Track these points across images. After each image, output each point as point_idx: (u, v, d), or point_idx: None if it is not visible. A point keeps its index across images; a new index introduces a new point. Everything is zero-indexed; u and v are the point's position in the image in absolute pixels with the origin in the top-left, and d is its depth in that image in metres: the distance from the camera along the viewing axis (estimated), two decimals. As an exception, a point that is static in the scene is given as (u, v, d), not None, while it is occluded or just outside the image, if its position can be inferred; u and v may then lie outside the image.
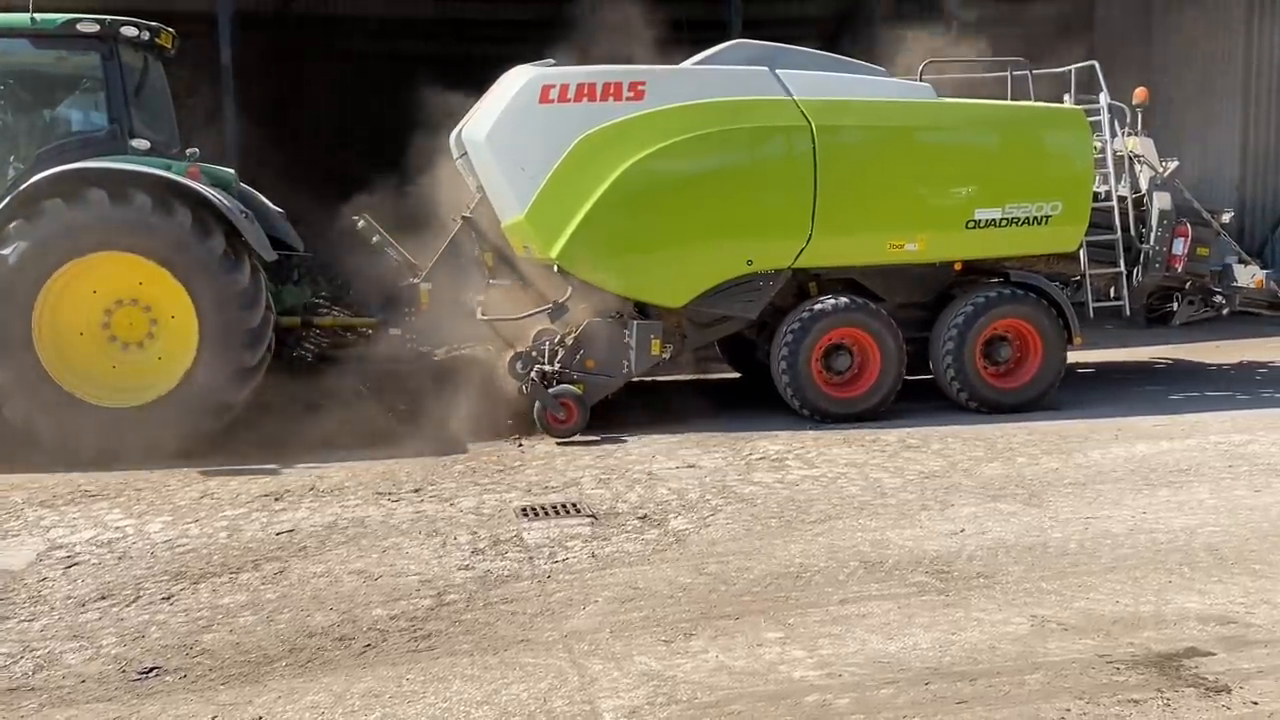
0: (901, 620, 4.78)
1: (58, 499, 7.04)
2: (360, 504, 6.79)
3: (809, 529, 6.09)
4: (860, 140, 8.83)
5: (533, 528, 6.23)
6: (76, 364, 7.97)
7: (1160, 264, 9.87)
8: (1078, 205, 9.16)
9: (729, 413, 9.23)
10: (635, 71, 8.56)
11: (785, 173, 8.67)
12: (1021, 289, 9.21)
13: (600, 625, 4.80)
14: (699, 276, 8.70)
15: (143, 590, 5.35)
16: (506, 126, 8.42)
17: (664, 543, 5.92)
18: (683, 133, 8.45)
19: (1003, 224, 8.98)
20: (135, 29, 8.34)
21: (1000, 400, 9.05)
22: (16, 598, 5.30)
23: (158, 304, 8.03)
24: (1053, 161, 9.22)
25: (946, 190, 8.95)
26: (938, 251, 9.07)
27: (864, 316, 8.84)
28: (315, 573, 5.55)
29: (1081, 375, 11.37)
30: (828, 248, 8.80)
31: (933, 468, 7.38)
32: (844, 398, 8.87)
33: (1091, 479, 7.04)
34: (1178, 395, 9.96)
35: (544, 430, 8.37)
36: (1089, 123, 9.42)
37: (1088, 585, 5.14)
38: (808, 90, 8.73)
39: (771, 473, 7.35)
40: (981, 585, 5.18)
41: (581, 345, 8.57)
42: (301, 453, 7.83)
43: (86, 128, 8.39)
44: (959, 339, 8.93)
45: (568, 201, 8.36)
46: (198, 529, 6.33)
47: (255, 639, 4.75)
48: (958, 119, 9.10)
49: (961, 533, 5.96)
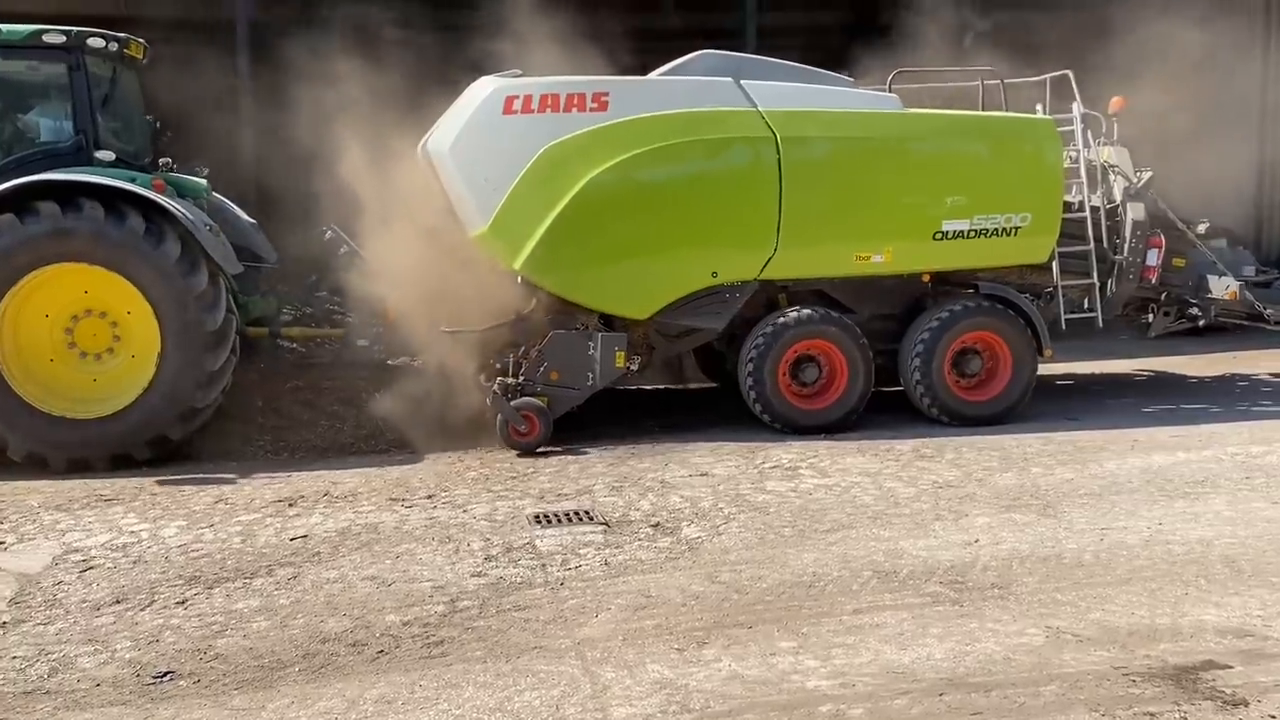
0: (915, 630, 4.75)
1: (74, 503, 7.09)
2: (374, 510, 6.80)
3: (822, 538, 6.08)
4: (825, 151, 8.78)
5: (545, 535, 6.23)
6: (39, 376, 7.99)
7: (1134, 275, 9.75)
8: (1047, 216, 9.06)
9: (741, 421, 9.21)
10: (598, 82, 8.52)
11: (750, 184, 8.62)
12: (991, 301, 9.13)
13: (613, 633, 4.80)
14: (664, 288, 8.65)
15: (157, 594, 5.37)
16: (470, 138, 8.38)
17: (677, 551, 5.91)
18: (646, 144, 8.41)
19: (971, 235, 8.89)
20: (103, 40, 8.32)
21: (969, 413, 8.94)
22: (32, 601, 5.33)
23: (118, 314, 8.04)
24: (1022, 172, 9.09)
25: (913, 201, 8.86)
26: (905, 263, 8.98)
27: (831, 328, 8.78)
28: (329, 578, 5.56)
29: (1097, 386, 11.32)
30: (794, 260, 8.75)
31: (947, 477, 7.35)
32: (812, 409, 8.82)
33: (1107, 490, 6.99)
34: (1194, 406, 9.88)
35: (505, 443, 8.27)
36: (1059, 133, 9.33)
37: (1103, 597, 5.11)
38: (773, 101, 8.68)
39: (785, 481, 7.33)
40: (996, 596, 5.15)
41: (545, 357, 8.49)
42: (314, 459, 7.86)
43: (52, 138, 8.39)
44: (927, 351, 8.86)
45: (531, 213, 8.32)
46: (212, 534, 6.36)
47: (269, 644, 4.76)
48: (924, 129, 9.00)
49: (976, 543, 5.93)
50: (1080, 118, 9.75)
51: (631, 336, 8.77)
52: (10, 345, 7.91)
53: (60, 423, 7.87)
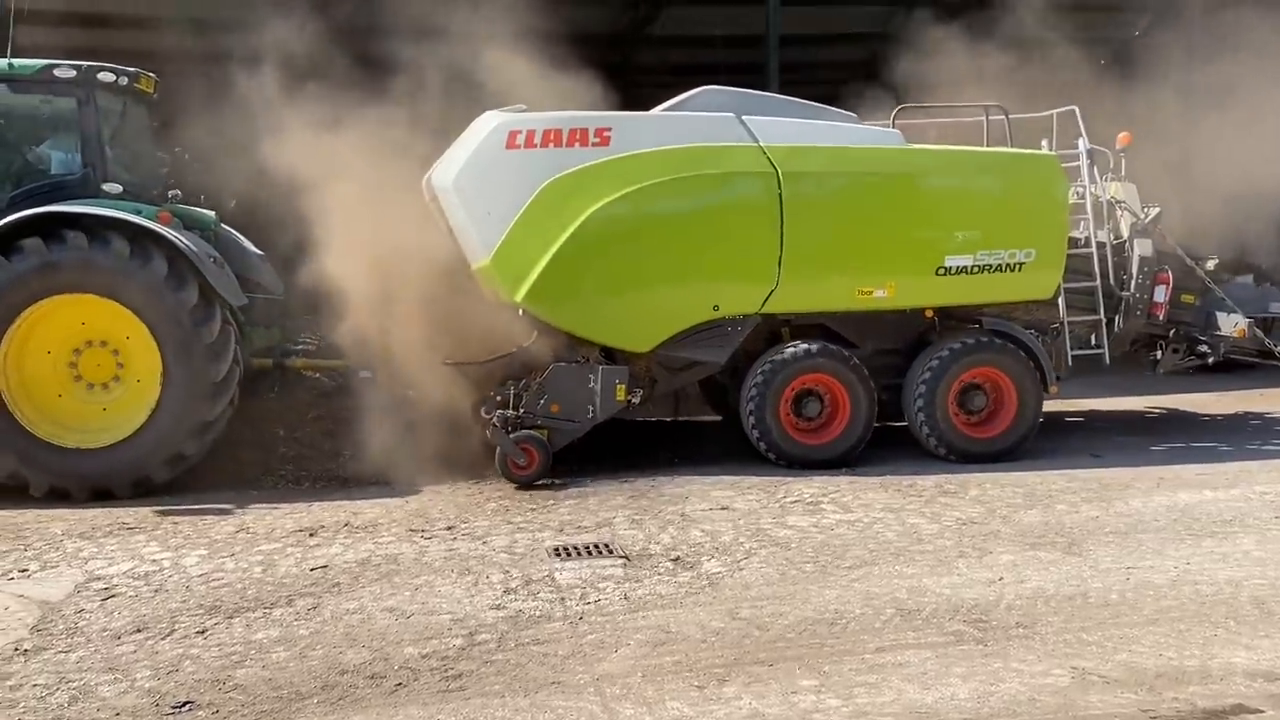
0: (939, 670, 4.70)
1: (96, 530, 7.13)
2: (393, 541, 6.80)
3: (844, 575, 6.03)
4: (827, 186, 8.78)
5: (565, 568, 6.20)
6: (50, 412, 8.06)
7: (1141, 311, 9.70)
8: (1052, 252, 9.02)
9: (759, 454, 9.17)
10: (601, 118, 8.57)
11: (751, 219, 8.62)
12: (996, 337, 9.08)
13: (632, 669, 4.76)
14: (664, 322, 8.65)
15: (178, 624, 5.38)
16: (473, 172, 8.44)
17: (697, 586, 5.87)
18: (647, 178, 8.43)
19: (975, 271, 8.85)
20: (113, 74, 8.44)
21: (973, 450, 8.87)
22: (54, 629, 5.35)
23: (118, 340, 8.10)
24: (1026, 208, 9.05)
25: (915, 237, 8.83)
26: (908, 299, 8.95)
27: (832, 363, 8.75)
28: (348, 609, 5.56)
29: (1122, 422, 11.23)
30: (795, 294, 8.74)
31: (970, 514, 7.29)
32: (814, 444, 8.77)
33: (1133, 528, 6.91)
34: (1221, 444, 9.78)
35: (504, 477, 8.25)
36: (1064, 169, 9.31)
37: (1130, 637, 5.04)
38: (774, 137, 8.70)
39: (806, 516, 7.28)
40: (1021, 635, 5.09)
41: (546, 390, 8.48)
42: (335, 488, 7.87)
43: (62, 171, 8.49)
44: (930, 387, 8.81)
45: (533, 246, 8.35)
46: (233, 563, 6.37)
47: (288, 675, 4.75)
48: (926, 165, 8.98)
49: (1000, 581, 5.87)
50: (1087, 153, 9.73)
51: (633, 369, 8.75)
52: (18, 385, 7.99)
53: (77, 454, 7.93)
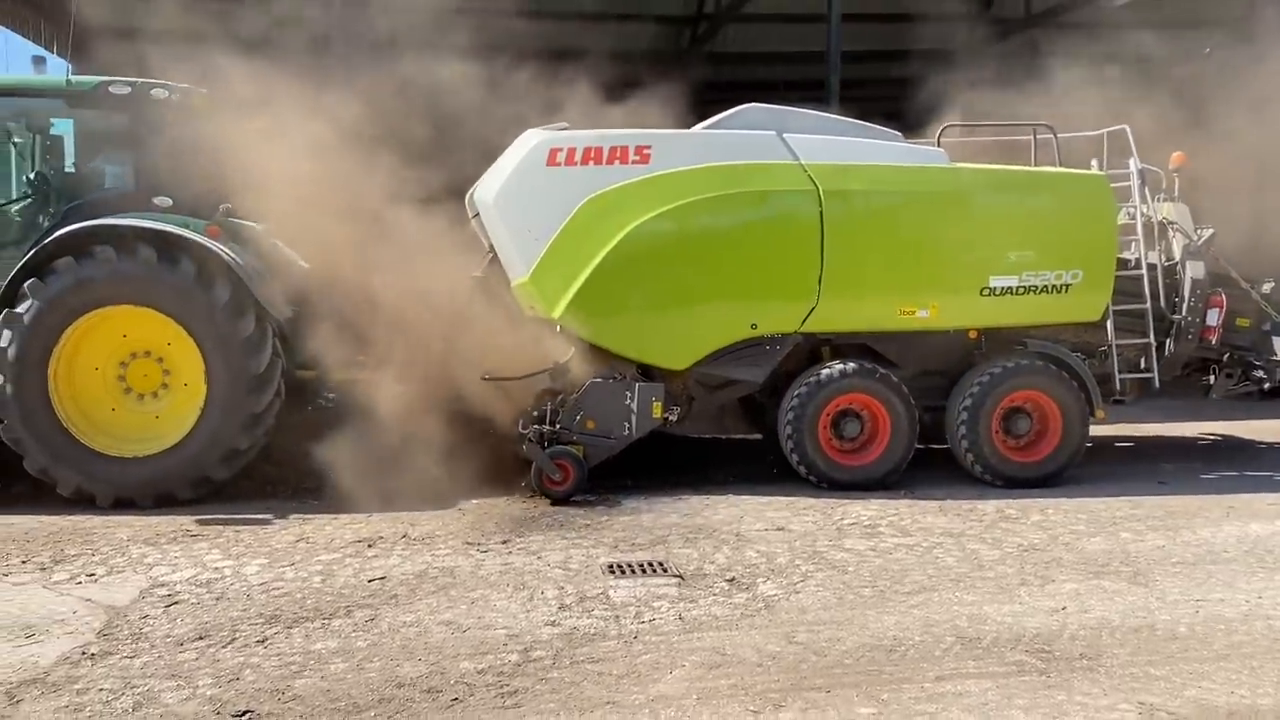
0: (1000, 701, 4.61)
1: (161, 537, 7.26)
2: (450, 554, 6.84)
3: (903, 600, 5.94)
4: (869, 205, 8.68)
5: (619, 585, 6.19)
6: (106, 426, 8.25)
7: (1193, 335, 9.47)
8: (1100, 274, 8.85)
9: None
10: (641, 136, 8.57)
11: (791, 237, 8.57)
12: (1041, 359, 8.90)
13: (687, 691, 4.73)
14: (702, 339, 8.62)
15: (239, 632, 5.46)
16: (513, 188, 8.50)
17: (753, 608, 5.83)
18: (687, 196, 8.42)
19: (1020, 292, 8.73)
20: (165, 90, 8.63)
21: (1016, 474, 8.71)
22: (120, 634, 5.45)
23: (160, 348, 8.27)
24: (1073, 228, 8.88)
25: (959, 257, 8.71)
26: (951, 319, 8.83)
27: (873, 383, 8.63)
28: (405, 621, 5.59)
29: (1188, 448, 10.97)
30: (835, 313, 8.66)
31: (1032, 540, 7.15)
32: (853, 465, 8.67)
33: (1201, 558, 6.73)
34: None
35: (540, 492, 8.25)
36: (1113, 189, 9.12)
37: (1200, 673, 4.90)
38: (815, 154, 8.64)
39: (864, 539, 7.20)
40: (1085, 667, 4.97)
41: (582, 406, 8.47)
42: (392, 499, 7.93)
43: (114, 185, 8.70)
44: (974, 409, 8.67)
45: (572, 263, 8.38)
46: (293, 573, 6.45)
47: (345, 687, 4.79)
48: (971, 184, 8.85)
49: (1063, 610, 5.74)
50: (1138, 173, 9.54)
51: (670, 387, 8.73)
52: (71, 403, 8.18)
53: (136, 463, 8.10)
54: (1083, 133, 9.83)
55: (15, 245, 8.37)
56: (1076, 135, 9.73)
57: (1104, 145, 9.77)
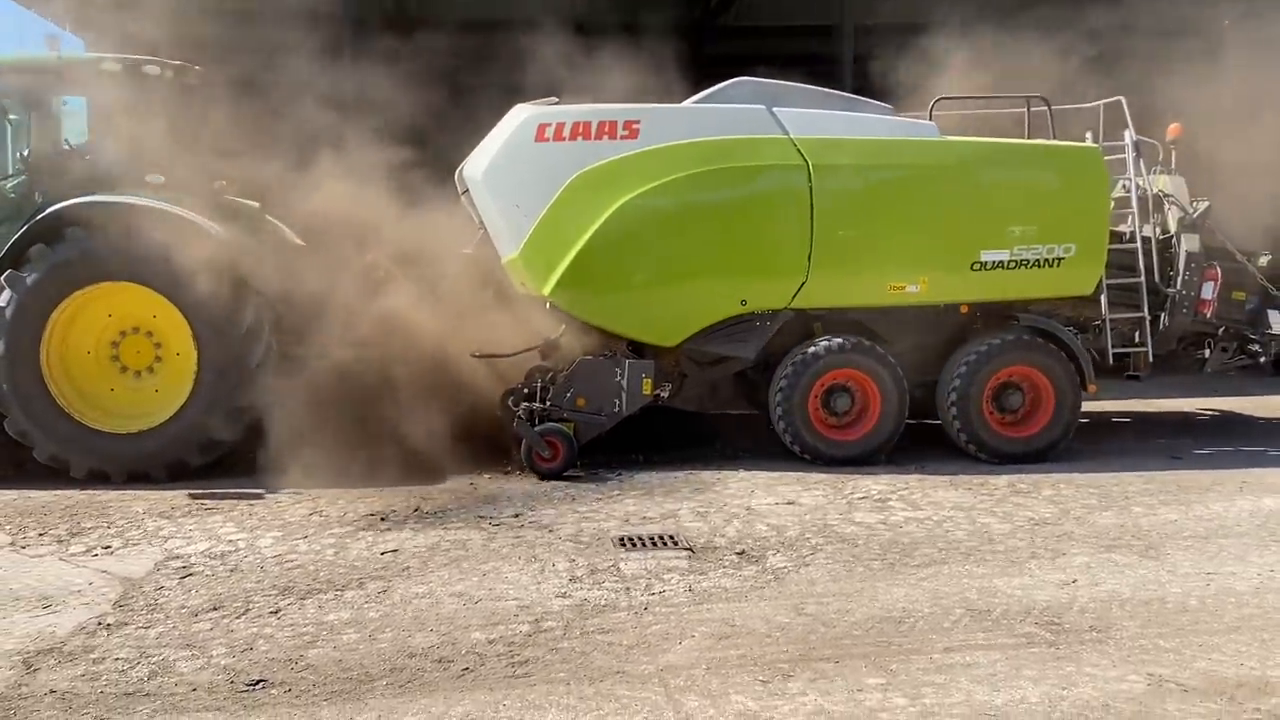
0: (1009, 672, 4.62)
1: (176, 510, 7.33)
2: (462, 526, 6.89)
3: (913, 573, 5.95)
4: (859, 179, 8.62)
5: (630, 558, 6.22)
6: (109, 406, 8.33)
7: (1188, 309, 9.36)
8: (1092, 247, 8.75)
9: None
10: (630, 110, 8.51)
11: (780, 212, 8.52)
12: (1033, 334, 8.83)
13: (696, 661, 4.76)
14: (692, 316, 8.59)
15: (252, 603, 5.51)
16: (502, 164, 8.48)
17: (762, 580, 5.85)
18: (676, 171, 8.38)
19: (1011, 266, 8.64)
20: (158, 67, 8.60)
21: (1007, 450, 8.66)
22: (135, 605, 5.52)
23: (146, 321, 8.34)
24: (1065, 202, 8.78)
25: (950, 231, 8.64)
26: (941, 294, 8.76)
27: (863, 358, 8.59)
28: (417, 593, 5.64)
29: (1202, 423, 10.91)
30: (825, 288, 8.61)
31: (1043, 514, 7.14)
32: (843, 440, 8.65)
33: (1213, 532, 6.72)
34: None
35: (530, 469, 8.25)
36: (1108, 161, 9.00)
37: (1209, 645, 4.90)
38: (805, 129, 8.58)
39: (874, 513, 7.21)
40: (1094, 639, 4.97)
41: (572, 383, 8.46)
42: (406, 474, 7.98)
43: (106, 162, 8.62)
44: (964, 385, 8.61)
45: (561, 239, 8.36)
46: (306, 545, 6.51)
47: (358, 657, 4.84)
48: (962, 157, 8.75)
49: (1073, 583, 5.74)
50: (1133, 145, 9.40)
51: (661, 364, 8.72)
52: (70, 391, 8.28)
53: (143, 437, 8.18)
54: (1079, 105, 9.71)
55: (10, 222, 8.38)
56: (1072, 108, 9.61)
57: (1100, 117, 9.66)
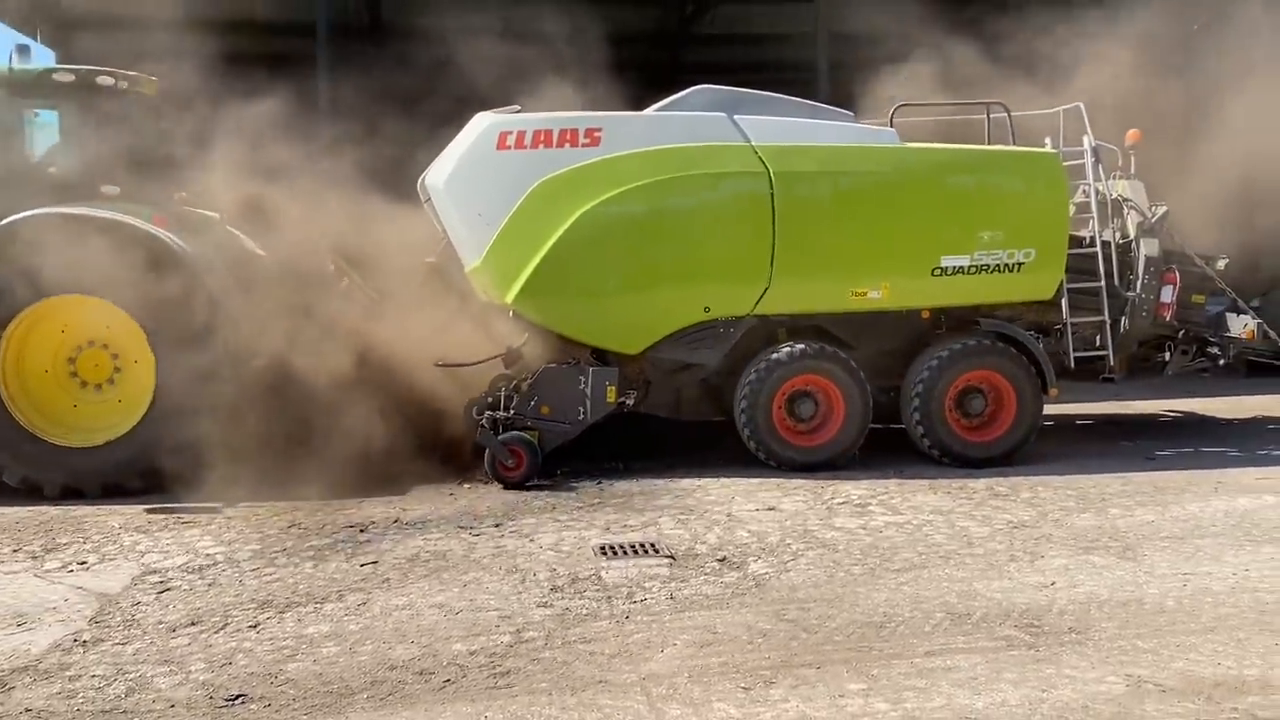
0: (989, 675, 4.63)
1: (153, 524, 7.27)
2: (442, 537, 6.86)
3: (893, 577, 5.97)
4: (820, 186, 8.68)
5: (611, 566, 6.21)
6: (73, 423, 8.21)
7: (1147, 312, 9.46)
8: (1052, 252, 8.85)
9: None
10: (591, 118, 8.56)
11: (742, 219, 8.56)
12: (994, 339, 8.89)
13: (678, 669, 4.75)
14: (656, 323, 8.62)
15: (231, 618, 5.47)
16: (464, 173, 8.49)
17: (743, 586, 5.85)
18: (638, 179, 8.41)
19: (972, 271, 8.71)
20: (112, 78, 8.51)
21: (970, 454, 8.71)
22: (112, 620, 5.46)
23: (101, 333, 8.20)
24: (1025, 207, 8.88)
25: (911, 237, 8.70)
26: (903, 299, 8.82)
27: (826, 364, 8.63)
28: (397, 605, 5.61)
29: (1176, 425, 11.01)
30: (788, 295, 8.66)
31: (1022, 517, 7.19)
32: (807, 446, 8.67)
33: (1190, 533, 6.77)
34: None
35: (494, 478, 8.21)
36: (1067, 167, 9.11)
37: (1187, 645, 4.93)
38: (766, 136, 8.62)
39: (854, 518, 7.23)
40: (1073, 641, 5.00)
41: (536, 391, 8.45)
42: (386, 485, 7.94)
43: (60, 172, 8.56)
44: (927, 390, 8.67)
45: (523, 247, 8.37)
46: (285, 558, 6.46)
47: (338, 670, 4.80)
48: (922, 164, 8.83)
49: (1052, 586, 5.78)
50: (1092, 150, 9.50)
51: (626, 371, 8.74)
52: (37, 416, 8.17)
53: (112, 446, 8.06)
54: (1038, 111, 9.80)
55: None
56: (1032, 114, 9.69)
57: (1060, 122, 9.74)
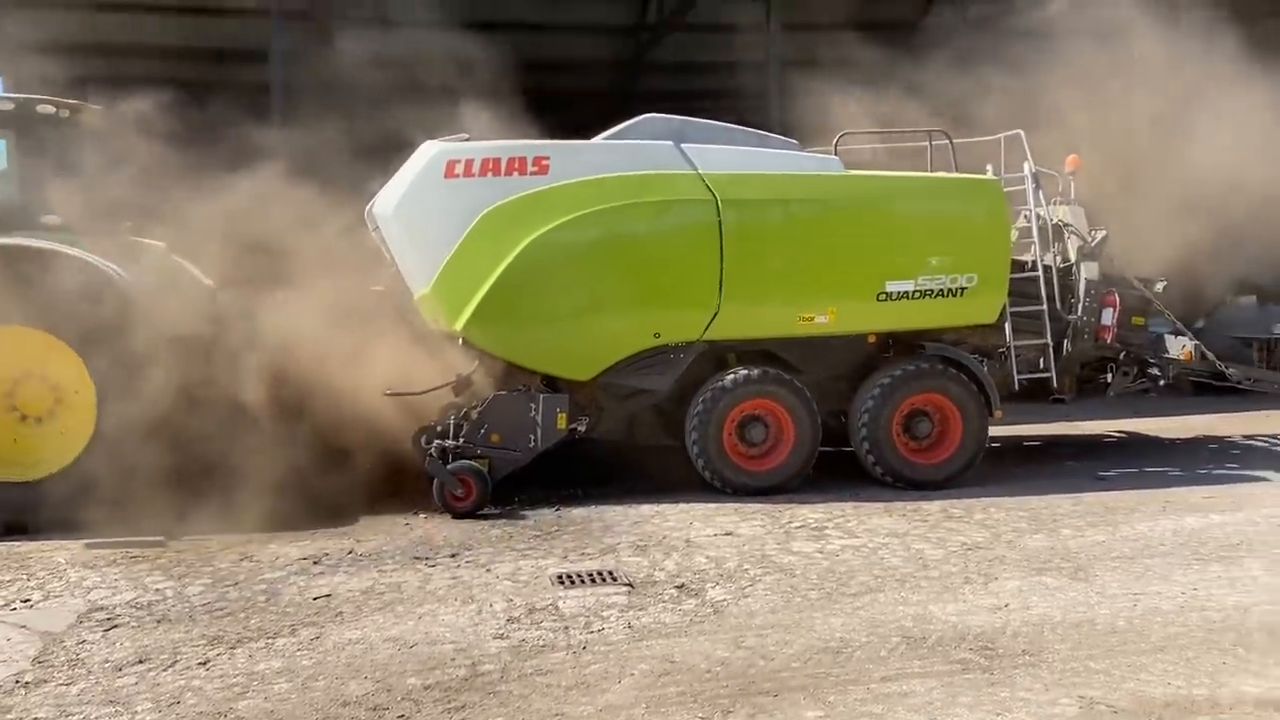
0: (945, 699, 4.66)
1: (100, 560, 7.11)
2: (397, 569, 6.78)
3: (849, 602, 5.99)
4: (766, 213, 8.78)
5: (569, 596, 6.18)
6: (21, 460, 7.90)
7: (1089, 334, 9.68)
8: (994, 276, 9.00)
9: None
10: (539, 146, 8.63)
11: (690, 246, 8.64)
12: (939, 362, 9.04)
13: (636, 700, 4.73)
14: (606, 350, 8.66)
15: (180, 654, 5.36)
16: (412, 201, 8.50)
17: (701, 614, 5.84)
18: (586, 206, 8.47)
19: (916, 296, 8.85)
20: (53, 107, 8.40)
21: (918, 477, 8.82)
22: (55, 660, 5.33)
23: (38, 364, 7.97)
24: (967, 232, 9.05)
25: (856, 262, 8.83)
26: (849, 324, 8.92)
27: (775, 389, 8.72)
28: (351, 639, 5.53)
29: (1125, 444, 11.20)
30: (736, 320, 8.74)
31: (976, 539, 7.25)
32: (758, 471, 8.73)
33: (1139, 553, 6.88)
34: (1226, 468, 9.74)
35: (443, 508, 8.14)
36: (1005, 193, 9.30)
37: (1138, 665, 5.00)
38: (713, 164, 8.72)
39: (811, 542, 7.25)
40: (1027, 663, 5.05)
41: (486, 419, 8.41)
42: (338, 516, 7.84)
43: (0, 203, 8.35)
44: (874, 414, 8.78)
45: (472, 275, 8.39)
46: (236, 592, 6.35)
47: (290, 707, 4.72)
48: (866, 191, 8.98)
49: (1006, 608, 5.83)
50: (1033, 176, 9.70)
51: (577, 397, 8.74)
52: None
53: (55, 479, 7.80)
54: (979, 138, 9.98)
55: None
56: (973, 140, 9.87)
57: (1001, 149, 9.93)
